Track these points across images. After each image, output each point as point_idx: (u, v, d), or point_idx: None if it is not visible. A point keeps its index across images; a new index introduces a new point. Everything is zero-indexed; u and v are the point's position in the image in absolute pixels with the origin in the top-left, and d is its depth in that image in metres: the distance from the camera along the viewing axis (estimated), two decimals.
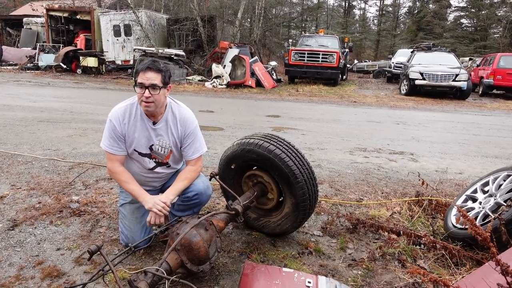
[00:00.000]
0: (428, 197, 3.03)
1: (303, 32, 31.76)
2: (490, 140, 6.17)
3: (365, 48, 39.35)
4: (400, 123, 7.61)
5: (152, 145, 2.15)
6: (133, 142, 2.12)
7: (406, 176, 3.92)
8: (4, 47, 18.46)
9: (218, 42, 16.47)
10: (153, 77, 1.95)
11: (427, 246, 2.30)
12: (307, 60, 13.94)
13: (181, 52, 14.41)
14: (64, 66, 14.87)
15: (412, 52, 15.24)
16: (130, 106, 2.11)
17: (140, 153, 2.16)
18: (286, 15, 31.19)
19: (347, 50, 16.83)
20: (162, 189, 2.36)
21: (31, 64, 16.01)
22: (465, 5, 34.08)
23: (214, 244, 1.90)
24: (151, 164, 2.21)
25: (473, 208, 2.48)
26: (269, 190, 2.35)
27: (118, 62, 17.08)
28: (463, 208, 2.26)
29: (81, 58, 14.99)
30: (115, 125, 2.07)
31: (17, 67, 16.10)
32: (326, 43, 15.09)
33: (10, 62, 17.28)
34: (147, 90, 1.95)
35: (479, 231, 1.77)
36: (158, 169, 2.25)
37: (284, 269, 1.81)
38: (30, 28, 20.55)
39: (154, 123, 2.12)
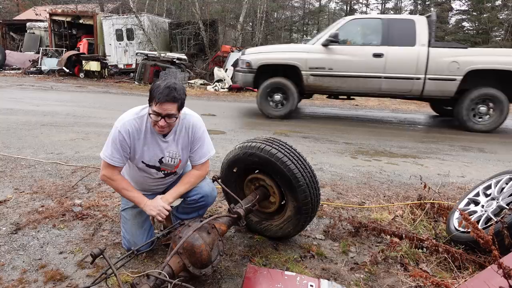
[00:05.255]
0: (430, 201, 3.02)
1: (304, 36, 31.84)
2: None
3: None
4: (401, 126, 7.61)
5: (162, 157, 2.15)
6: (141, 154, 2.11)
7: (408, 179, 3.91)
8: (7, 51, 18.55)
9: (220, 46, 16.51)
10: (169, 108, 1.92)
11: (430, 250, 2.29)
12: None
13: (183, 56, 14.46)
14: (67, 70, 14.94)
15: None
16: (140, 119, 2.07)
17: (148, 165, 2.15)
18: (288, 19, 31.30)
19: None
20: (164, 192, 2.35)
21: (34, 68, 16.09)
22: (467, 9, 34.10)
23: (216, 248, 1.91)
24: (159, 175, 2.23)
25: (475, 212, 2.48)
26: (271, 193, 2.36)
27: (121, 66, 17.15)
28: (465, 212, 2.26)
29: (83, 62, 15.05)
30: (124, 138, 2.02)
31: (20, 71, 16.18)
32: None
33: (14, 66, 17.37)
34: (162, 119, 1.94)
35: (481, 234, 1.77)
36: (166, 178, 2.28)
37: (286, 272, 1.81)
38: (33, 33, 20.66)
39: (164, 136, 2.11)
